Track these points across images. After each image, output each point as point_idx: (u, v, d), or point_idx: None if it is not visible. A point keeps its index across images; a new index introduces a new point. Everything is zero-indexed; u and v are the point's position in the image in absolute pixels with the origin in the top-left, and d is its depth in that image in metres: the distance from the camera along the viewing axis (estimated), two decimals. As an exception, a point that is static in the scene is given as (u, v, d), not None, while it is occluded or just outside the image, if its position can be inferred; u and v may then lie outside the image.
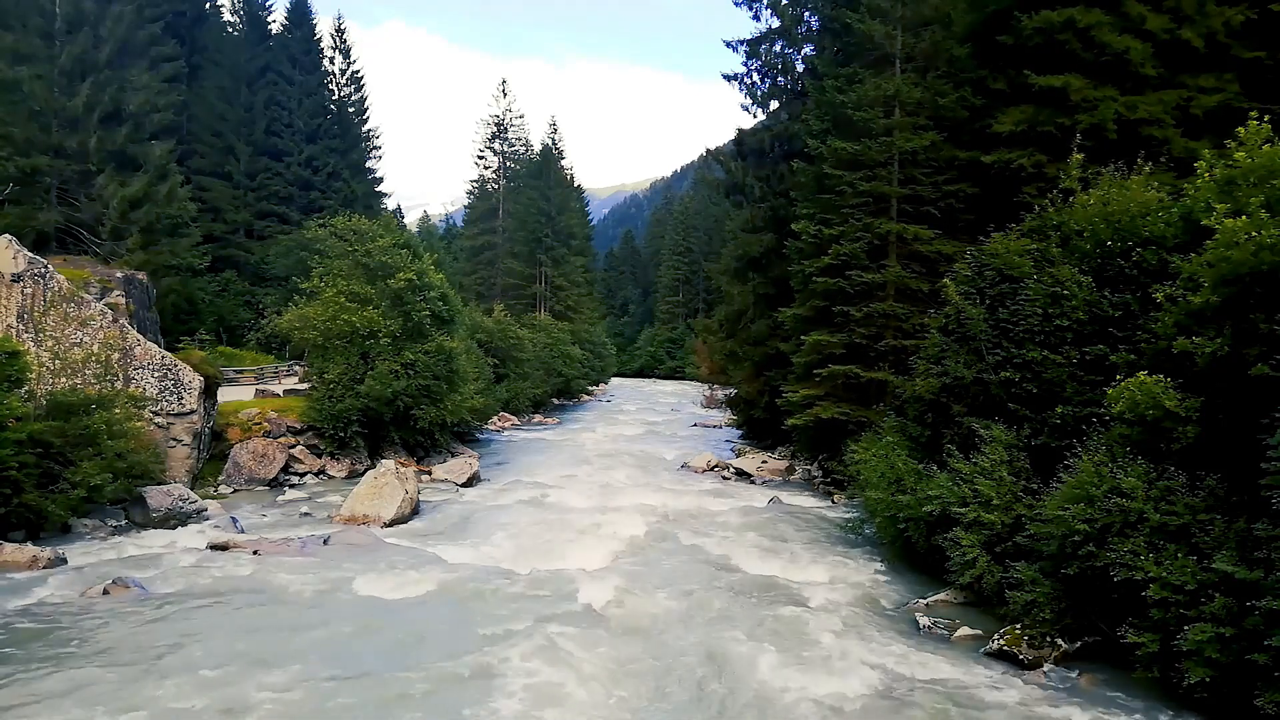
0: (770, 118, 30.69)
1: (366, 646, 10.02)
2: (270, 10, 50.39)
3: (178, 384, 19.19)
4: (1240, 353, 8.98)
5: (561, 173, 71.32)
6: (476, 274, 67.38)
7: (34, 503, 13.92)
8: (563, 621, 11.16)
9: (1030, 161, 17.29)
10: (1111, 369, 11.06)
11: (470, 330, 34.91)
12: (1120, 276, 11.84)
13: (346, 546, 14.95)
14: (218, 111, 44.46)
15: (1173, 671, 8.59)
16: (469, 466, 23.48)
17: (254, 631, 10.43)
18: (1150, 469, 9.61)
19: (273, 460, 21.39)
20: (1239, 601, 8.01)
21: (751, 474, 25.07)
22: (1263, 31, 16.90)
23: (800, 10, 28.73)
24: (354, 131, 51.51)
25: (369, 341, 23.49)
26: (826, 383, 21.06)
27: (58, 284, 18.18)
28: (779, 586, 13.26)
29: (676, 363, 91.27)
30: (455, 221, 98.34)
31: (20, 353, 14.88)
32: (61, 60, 27.85)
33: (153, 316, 24.74)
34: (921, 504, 12.82)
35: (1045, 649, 10.08)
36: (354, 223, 26.20)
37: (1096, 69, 17.08)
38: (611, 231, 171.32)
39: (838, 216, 21.03)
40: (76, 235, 28.21)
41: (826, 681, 9.36)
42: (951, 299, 14.17)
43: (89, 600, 11.40)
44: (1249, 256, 8.82)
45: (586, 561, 14.30)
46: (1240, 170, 9.81)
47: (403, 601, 11.92)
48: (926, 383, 14.44)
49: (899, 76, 21.35)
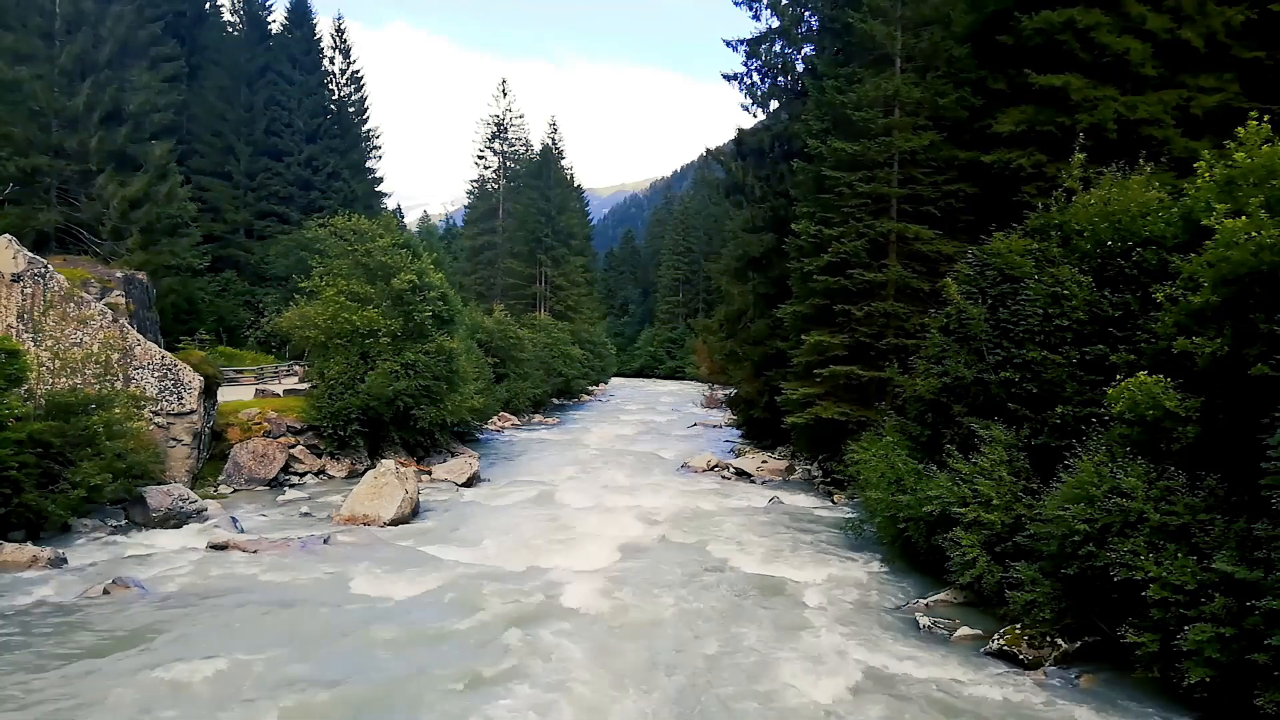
0: (770, 118, 30.68)
1: (366, 646, 10.01)
2: (270, 10, 50.36)
3: (178, 384, 19.18)
4: (1240, 353, 8.97)
5: (561, 173, 71.32)
6: (476, 274, 67.38)
7: (34, 503, 13.92)
8: (562, 621, 11.17)
9: (1030, 161, 17.29)
10: (1111, 369, 11.05)
11: (470, 330, 34.90)
12: (1120, 276, 11.83)
13: (346, 546, 14.97)
14: (218, 111, 44.43)
15: (1173, 671, 8.58)
16: (469, 466, 23.48)
17: (254, 631, 10.43)
18: (1150, 469, 9.60)
19: (273, 460, 21.39)
20: (1239, 601, 8.00)
21: (751, 474, 25.07)
22: (1263, 31, 16.90)
23: (800, 10, 28.73)
24: (354, 131, 51.49)
25: (369, 341, 23.49)
26: (827, 382, 21.06)
27: (58, 284, 18.18)
28: (779, 586, 13.27)
29: (676, 363, 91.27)
30: (455, 221, 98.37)
31: (20, 352, 14.88)
32: (61, 60, 27.86)
33: (153, 316, 24.73)
34: (921, 504, 12.81)
35: (1045, 649, 10.07)
36: (354, 223, 26.20)
37: (1096, 69, 17.07)
38: (611, 231, 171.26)
39: (838, 216, 21.03)
40: (76, 235, 28.21)
41: (826, 681, 9.36)
42: (953, 298, 14.17)
43: (89, 600, 11.40)
44: (1249, 256, 8.81)
45: (586, 561, 14.30)
46: (1240, 170, 9.80)
47: (403, 601, 11.91)
48: (927, 382, 14.44)
49: (899, 76, 21.35)
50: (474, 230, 72.08)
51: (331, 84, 50.65)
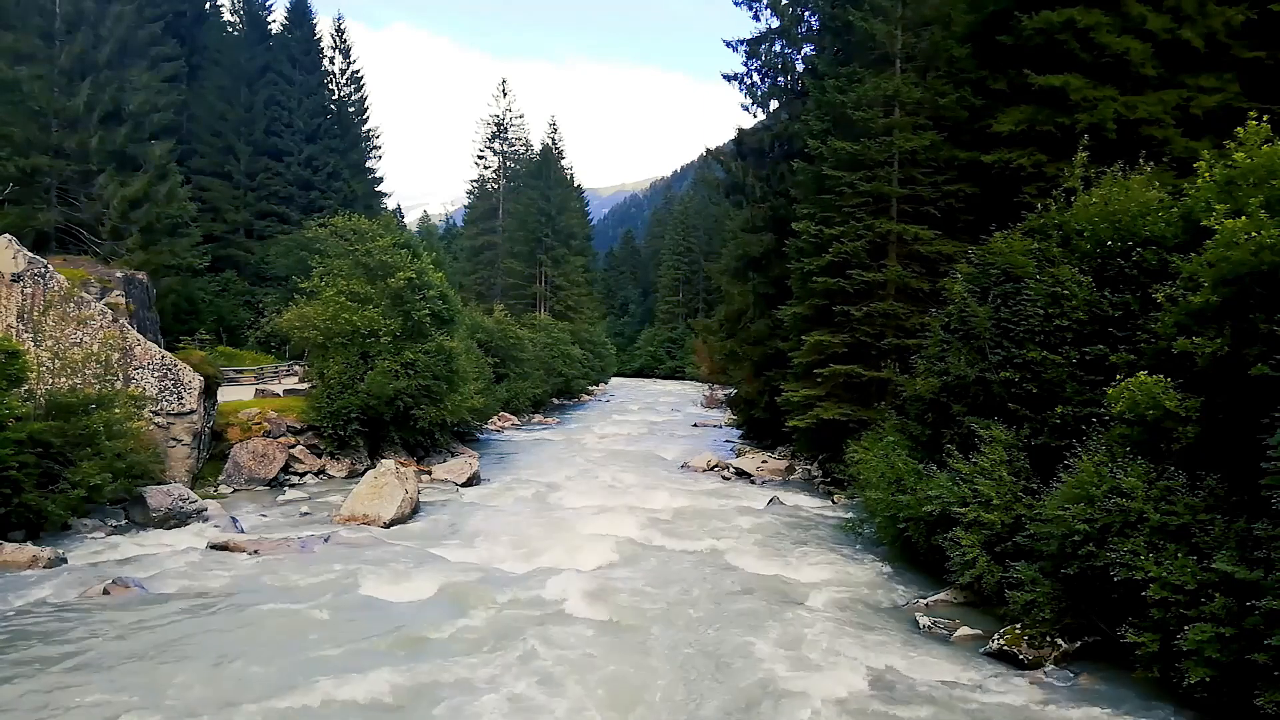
0: (770, 117, 30.67)
1: (366, 646, 10.01)
2: (270, 10, 50.42)
3: (178, 384, 19.18)
4: (1240, 353, 8.97)
5: (561, 172, 71.32)
6: (476, 274, 67.39)
7: (34, 502, 13.90)
8: (562, 621, 11.17)
9: (1030, 161, 17.27)
10: (1111, 369, 11.05)
11: (470, 330, 34.89)
12: (1120, 276, 11.82)
13: (346, 546, 14.96)
14: (218, 111, 44.47)
15: (1173, 671, 8.59)
16: (469, 466, 23.48)
17: (253, 631, 10.42)
18: (1150, 469, 9.61)
19: (273, 460, 21.39)
20: (1239, 601, 8.01)
21: (751, 474, 25.06)
22: (1263, 31, 16.89)
23: (800, 10, 28.72)
24: (354, 131, 51.56)
25: (369, 341, 23.49)
26: (827, 382, 21.06)
27: (58, 284, 18.17)
28: (779, 586, 13.26)
29: (676, 363, 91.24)
30: (455, 221, 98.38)
31: (20, 352, 14.87)
32: (61, 60, 27.89)
33: (153, 316, 24.74)
34: (921, 504, 12.82)
35: (1045, 649, 10.07)
36: (354, 222, 26.21)
37: (1096, 69, 17.06)
38: (612, 231, 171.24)
39: (838, 216, 21.02)
40: (76, 235, 28.23)
41: (826, 681, 9.35)
42: (956, 296, 14.17)
43: (89, 600, 11.40)
44: (1249, 256, 8.81)
45: (586, 561, 14.29)
46: (1240, 170, 9.81)
47: (403, 601, 11.91)
48: (927, 382, 14.44)
49: (899, 76, 21.34)
50: (474, 230, 72.09)
51: (331, 84, 50.71)
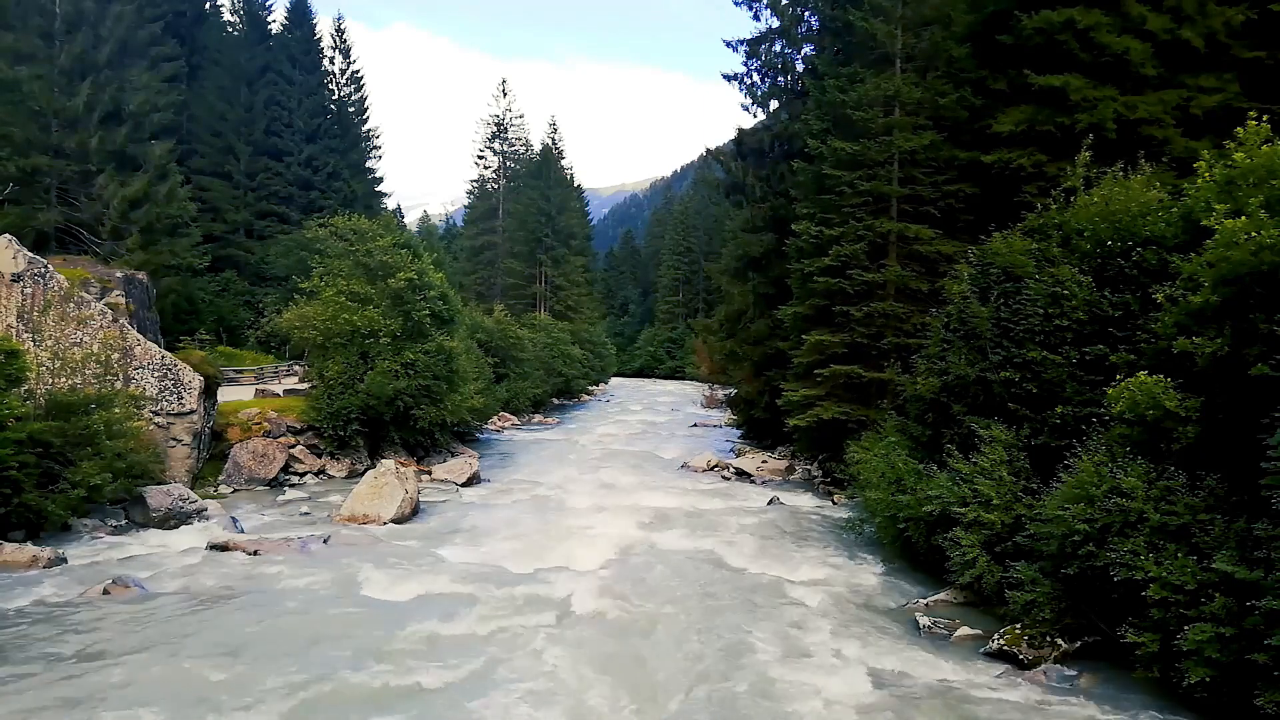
0: (770, 117, 30.66)
1: (367, 646, 10.00)
2: (270, 10, 50.43)
3: (178, 384, 19.18)
4: (1240, 353, 8.96)
5: (561, 172, 71.33)
6: (476, 274, 67.41)
7: (34, 502, 13.90)
8: (562, 621, 11.18)
9: (1030, 161, 17.27)
10: (1111, 369, 11.05)
11: (470, 330, 34.90)
12: (1120, 276, 11.82)
13: (346, 546, 14.96)
14: (218, 111, 44.48)
15: (1173, 671, 8.58)
16: (469, 466, 23.48)
17: (254, 631, 10.42)
18: (1150, 469, 9.60)
19: (273, 460, 21.39)
20: (1239, 601, 8.00)
21: (751, 474, 25.06)
22: (1263, 31, 16.88)
23: (800, 10, 28.71)
24: (354, 131, 51.58)
25: (369, 341, 23.50)
26: (828, 382, 21.06)
27: (58, 284, 18.18)
28: (778, 586, 13.26)
29: (676, 363, 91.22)
30: (455, 221, 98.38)
31: (20, 352, 14.86)
32: (61, 60, 27.91)
33: (153, 316, 24.74)
34: (921, 504, 12.81)
35: (1045, 649, 10.07)
36: (354, 222, 26.21)
37: (1096, 69, 17.06)
38: (612, 231, 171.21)
39: (838, 216, 21.02)
40: (76, 235, 28.24)
41: (826, 681, 9.36)
42: (955, 297, 14.17)
43: (89, 600, 11.40)
44: (1249, 256, 8.81)
45: (586, 561, 14.30)
46: (1240, 170, 9.80)
47: (403, 601, 11.91)
48: (927, 382, 14.44)
49: (899, 76, 21.34)
50: (474, 230, 72.11)
51: (331, 84, 50.73)
